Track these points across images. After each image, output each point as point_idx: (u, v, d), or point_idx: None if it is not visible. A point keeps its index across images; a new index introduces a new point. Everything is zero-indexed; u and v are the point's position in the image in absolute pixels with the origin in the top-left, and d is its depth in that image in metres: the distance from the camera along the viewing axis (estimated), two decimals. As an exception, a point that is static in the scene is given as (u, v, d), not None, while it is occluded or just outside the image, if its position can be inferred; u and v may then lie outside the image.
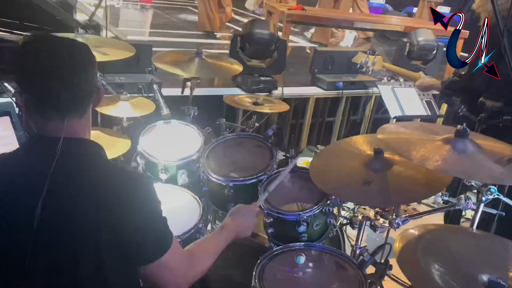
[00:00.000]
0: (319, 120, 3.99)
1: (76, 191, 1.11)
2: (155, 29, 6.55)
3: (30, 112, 1.13)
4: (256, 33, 3.31)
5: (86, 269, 1.11)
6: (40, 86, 1.09)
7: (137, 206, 1.15)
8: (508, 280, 1.24)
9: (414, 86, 2.92)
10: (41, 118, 1.13)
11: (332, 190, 1.69)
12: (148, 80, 2.88)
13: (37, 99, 1.11)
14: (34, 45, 1.12)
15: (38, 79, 1.09)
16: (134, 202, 1.15)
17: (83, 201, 1.10)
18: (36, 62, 1.09)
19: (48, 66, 1.08)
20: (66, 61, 1.10)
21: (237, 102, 2.60)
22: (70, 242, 1.10)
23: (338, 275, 1.54)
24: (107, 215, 1.11)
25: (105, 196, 1.12)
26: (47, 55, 1.09)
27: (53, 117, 1.12)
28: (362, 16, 6.28)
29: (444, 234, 1.52)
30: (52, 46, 1.12)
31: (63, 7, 3.40)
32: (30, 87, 1.10)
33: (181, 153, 2.15)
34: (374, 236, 2.48)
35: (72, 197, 1.10)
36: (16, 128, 1.82)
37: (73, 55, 1.12)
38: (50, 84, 1.08)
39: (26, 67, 1.10)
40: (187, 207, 1.92)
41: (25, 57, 1.10)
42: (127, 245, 1.14)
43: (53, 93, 1.09)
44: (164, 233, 1.22)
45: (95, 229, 1.10)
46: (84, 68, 1.14)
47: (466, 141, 1.51)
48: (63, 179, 1.10)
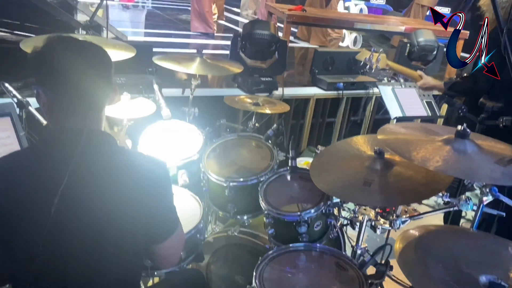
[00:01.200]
0: (319, 120, 3.99)
1: (99, 179, 1.16)
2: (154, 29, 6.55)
3: (54, 109, 1.18)
4: (256, 33, 3.31)
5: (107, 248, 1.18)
6: (68, 84, 1.14)
7: (160, 186, 1.26)
8: (508, 281, 1.24)
9: (416, 86, 2.91)
10: (65, 114, 1.17)
11: (333, 190, 1.69)
12: (148, 80, 2.88)
13: (63, 97, 1.15)
14: (61, 45, 1.15)
15: (66, 77, 1.13)
16: (157, 182, 1.25)
17: (104, 188, 1.17)
18: (64, 61, 1.13)
19: (77, 65, 1.13)
20: (92, 60, 1.17)
21: (238, 103, 2.60)
22: (92, 228, 1.15)
23: (338, 276, 1.54)
24: (128, 200, 1.18)
25: (129, 179, 1.20)
26: (74, 54, 1.15)
27: (76, 113, 1.17)
28: (362, 16, 6.28)
29: (444, 235, 1.52)
30: (77, 46, 1.17)
31: (64, 8, 3.41)
32: (57, 85, 1.14)
33: (181, 153, 2.15)
34: (375, 236, 2.48)
35: (95, 184, 1.16)
36: (16, 128, 1.82)
37: (97, 54, 1.19)
38: (78, 81, 1.14)
39: (53, 65, 1.13)
40: (188, 208, 1.92)
41: (52, 56, 1.14)
42: (146, 228, 1.23)
43: (80, 90, 1.15)
44: (175, 213, 1.34)
45: (116, 214, 1.17)
46: (105, 67, 1.20)
47: (467, 142, 1.51)
48: (86, 168, 1.15)
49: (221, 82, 3.81)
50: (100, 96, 1.21)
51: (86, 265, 1.17)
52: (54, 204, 1.09)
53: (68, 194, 1.11)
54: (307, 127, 3.88)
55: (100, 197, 1.16)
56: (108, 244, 1.18)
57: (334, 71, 3.88)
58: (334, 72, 3.88)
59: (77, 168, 1.12)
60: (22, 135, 1.83)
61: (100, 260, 1.19)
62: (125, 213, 1.18)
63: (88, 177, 1.15)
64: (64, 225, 1.13)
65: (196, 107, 2.49)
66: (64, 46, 1.16)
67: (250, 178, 1.94)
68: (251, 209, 1.98)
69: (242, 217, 2.01)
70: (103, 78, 1.19)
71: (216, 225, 2.43)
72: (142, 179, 1.21)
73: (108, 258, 1.20)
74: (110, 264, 1.21)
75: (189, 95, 2.51)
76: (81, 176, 1.14)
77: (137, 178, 1.21)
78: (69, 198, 1.11)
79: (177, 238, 1.35)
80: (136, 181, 1.20)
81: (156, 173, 1.26)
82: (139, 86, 3.00)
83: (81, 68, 1.14)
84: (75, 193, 1.13)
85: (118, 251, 1.20)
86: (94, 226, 1.16)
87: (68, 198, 1.11)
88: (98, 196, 1.16)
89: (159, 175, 1.27)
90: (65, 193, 1.10)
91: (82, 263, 1.17)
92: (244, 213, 2.00)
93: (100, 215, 1.16)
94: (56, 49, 1.14)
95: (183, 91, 2.58)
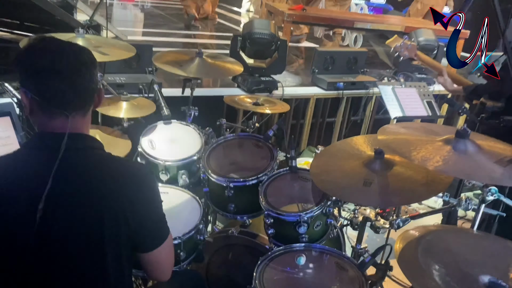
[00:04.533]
0: (319, 120, 3.99)
1: (82, 183, 1.15)
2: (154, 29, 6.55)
3: (35, 111, 1.16)
4: (256, 33, 3.31)
5: (89, 258, 1.16)
6: (47, 84, 1.12)
7: (143, 195, 1.22)
8: (508, 281, 1.24)
9: (416, 86, 2.90)
10: (46, 116, 1.15)
11: (333, 190, 1.69)
12: (148, 80, 2.88)
13: (43, 98, 1.13)
14: (40, 45, 1.14)
15: (45, 78, 1.12)
16: (139, 191, 1.21)
17: (89, 192, 1.14)
18: (43, 61, 1.11)
19: (55, 65, 1.12)
20: (72, 60, 1.14)
21: (238, 103, 2.60)
22: (77, 233, 1.14)
23: (338, 276, 1.54)
24: (112, 204, 1.16)
25: (111, 186, 1.17)
26: (54, 54, 1.13)
27: (58, 115, 1.15)
28: (362, 16, 6.28)
29: (444, 235, 1.52)
30: (58, 47, 1.15)
31: (64, 7, 3.40)
32: (37, 86, 1.13)
33: (181, 153, 2.14)
34: (375, 237, 2.48)
35: (79, 188, 1.14)
36: (16, 128, 1.82)
37: (78, 55, 1.16)
38: (57, 82, 1.12)
39: (33, 66, 1.12)
40: (188, 208, 1.92)
41: (32, 56, 1.13)
42: (132, 233, 1.20)
43: (59, 91, 1.13)
44: (164, 222, 1.30)
45: (100, 218, 1.14)
46: (88, 67, 1.17)
47: (467, 142, 1.50)
48: (70, 172, 1.13)
49: (221, 82, 3.80)
50: (82, 98, 1.18)
51: (72, 270, 1.16)
52: (38, 210, 1.07)
53: (52, 200, 1.09)
54: (307, 127, 3.88)
55: (84, 202, 1.13)
56: (94, 249, 1.16)
57: (334, 71, 3.88)
58: (334, 72, 3.88)
59: (60, 173, 1.10)
60: (22, 135, 1.83)
61: (86, 265, 1.17)
62: (110, 217, 1.15)
63: (72, 182, 1.13)
64: (48, 231, 1.11)
65: (196, 106, 2.49)
66: (43, 46, 1.14)
67: (250, 178, 1.94)
68: (251, 209, 1.98)
69: (242, 217, 2.01)
70: (85, 80, 1.16)
71: (216, 226, 2.43)
72: (126, 184, 1.19)
73: (94, 263, 1.18)
74: (96, 269, 1.19)
75: (189, 95, 2.50)
76: (65, 181, 1.12)
77: (121, 183, 1.19)
78: (52, 204, 1.09)
79: (166, 248, 1.30)
80: (120, 187, 1.18)
81: (141, 177, 1.23)
82: (139, 86, 3.00)
83: (59, 69, 1.11)
84: (59, 199, 1.11)
85: (103, 257, 1.17)
86: (80, 231, 1.14)
87: (52, 204, 1.09)
88: (83, 201, 1.13)
89: (144, 180, 1.24)
90: (48, 199, 1.08)
91: (68, 268, 1.16)
92: (244, 213, 2.00)
93: (85, 219, 1.13)
94: (35, 50, 1.13)
95: (183, 91, 2.57)
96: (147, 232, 1.25)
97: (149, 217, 1.24)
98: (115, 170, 1.21)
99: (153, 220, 1.26)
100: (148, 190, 1.25)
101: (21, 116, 1.92)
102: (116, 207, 1.16)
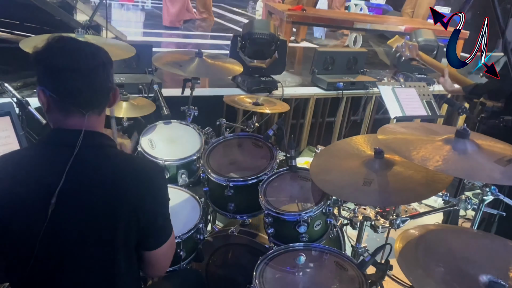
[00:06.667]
0: (319, 120, 3.99)
1: (96, 180, 1.16)
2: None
3: (52, 109, 1.18)
4: (256, 33, 3.31)
5: (99, 253, 1.18)
6: (65, 83, 1.14)
7: (155, 192, 1.24)
8: (508, 280, 1.24)
9: (416, 86, 2.90)
10: (63, 114, 1.17)
11: (333, 190, 1.69)
12: (148, 80, 2.88)
13: (61, 96, 1.15)
14: (58, 45, 1.16)
15: (63, 76, 1.13)
16: (151, 189, 1.23)
17: (102, 189, 1.16)
18: (61, 60, 1.13)
19: (73, 65, 1.13)
20: (89, 60, 1.16)
21: (237, 103, 2.60)
22: (89, 228, 1.15)
23: (338, 276, 1.54)
24: (125, 201, 1.17)
25: (124, 184, 1.18)
26: (72, 54, 1.15)
27: (74, 113, 1.17)
28: (362, 16, 6.28)
29: (444, 234, 1.52)
30: (76, 46, 1.17)
31: (63, 8, 3.40)
32: (55, 85, 1.14)
33: (181, 153, 2.15)
34: (375, 236, 2.48)
35: (93, 184, 1.15)
36: (16, 128, 1.82)
37: (95, 54, 1.18)
38: (74, 81, 1.14)
39: (51, 65, 1.13)
40: (187, 207, 1.92)
41: (50, 56, 1.14)
42: (140, 230, 1.21)
43: (77, 90, 1.14)
44: (170, 221, 1.31)
45: (112, 215, 1.16)
46: (104, 67, 1.19)
47: (467, 141, 1.50)
48: (84, 168, 1.15)
49: (221, 82, 3.80)
50: (98, 97, 1.20)
51: (82, 265, 1.17)
52: (51, 204, 1.09)
53: (65, 195, 1.11)
54: (307, 127, 3.88)
55: (97, 199, 1.15)
56: (105, 245, 1.18)
57: (334, 71, 3.89)
58: (334, 72, 3.88)
59: (74, 169, 1.12)
60: (21, 134, 1.83)
61: (96, 261, 1.18)
62: (122, 214, 1.17)
63: (85, 179, 1.15)
64: (60, 226, 1.13)
65: (196, 106, 2.49)
66: (61, 46, 1.16)
67: (250, 177, 1.94)
68: (251, 208, 1.98)
69: (241, 217, 2.01)
70: (101, 79, 1.19)
71: (216, 225, 2.44)
72: (139, 182, 1.20)
73: (104, 259, 1.19)
74: (106, 264, 1.20)
75: (189, 95, 2.50)
76: (78, 177, 1.14)
77: (135, 181, 1.20)
78: (66, 199, 1.11)
79: (168, 247, 1.32)
80: (134, 184, 1.19)
81: (153, 176, 1.25)
82: (139, 86, 3.00)
83: (77, 68, 1.13)
84: (72, 194, 1.13)
85: (114, 253, 1.19)
86: (92, 227, 1.15)
87: (65, 198, 1.11)
88: (96, 197, 1.15)
89: (157, 178, 1.26)
90: (62, 194, 1.10)
91: (78, 263, 1.17)
92: (244, 213, 2.00)
93: (97, 216, 1.15)
94: (53, 49, 1.14)
95: (183, 91, 2.57)
96: (154, 231, 1.26)
97: (158, 215, 1.26)
98: (129, 168, 1.22)
99: (161, 219, 1.28)
100: (159, 189, 1.27)
101: (20, 116, 1.92)
102: (128, 204, 1.18)
